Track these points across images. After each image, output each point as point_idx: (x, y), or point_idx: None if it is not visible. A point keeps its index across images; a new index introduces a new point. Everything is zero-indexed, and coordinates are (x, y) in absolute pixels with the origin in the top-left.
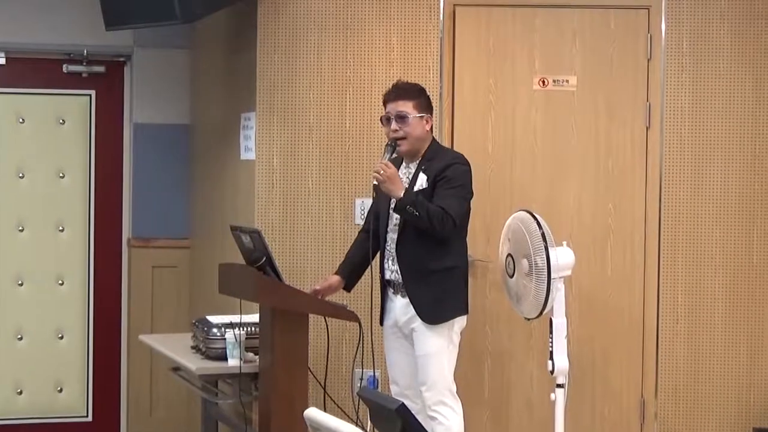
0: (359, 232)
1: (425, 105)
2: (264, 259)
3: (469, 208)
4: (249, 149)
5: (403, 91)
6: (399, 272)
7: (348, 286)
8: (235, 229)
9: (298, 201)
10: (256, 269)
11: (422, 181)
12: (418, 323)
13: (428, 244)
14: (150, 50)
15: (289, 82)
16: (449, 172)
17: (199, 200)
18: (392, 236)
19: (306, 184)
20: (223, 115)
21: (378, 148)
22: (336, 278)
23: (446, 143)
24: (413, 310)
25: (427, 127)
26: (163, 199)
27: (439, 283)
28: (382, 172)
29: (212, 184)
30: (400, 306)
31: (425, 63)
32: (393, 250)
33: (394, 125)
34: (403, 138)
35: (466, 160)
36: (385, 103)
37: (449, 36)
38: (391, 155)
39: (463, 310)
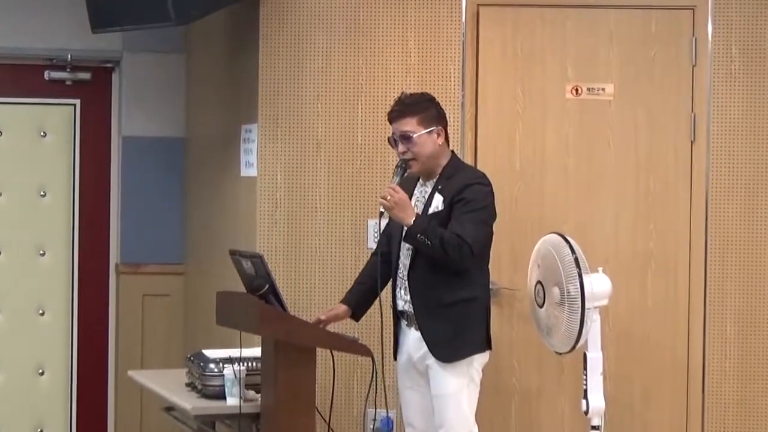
0: (371, 256)
1: (433, 117)
2: (266, 286)
3: (491, 233)
4: (250, 165)
5: (404, 107)
6: (411, 303)
7: (356, 315)
8: (234, 253)
9: (304, 222)
10: (257, 298)
11: (438, 202)
12: (433, 359)
13: (443, 272)
14: (141, 55)
15: (295, 90)
16: (467, 194)
17: (195, 222)
18: (405, 262)
19: (313, 204)
20: (222, 127)
21: (393, 164)
22: (342, 307)
23: (468, 159)
24: None
25: (439, 141)
26: (154, 221)
27: (455, 317)
28: (389, 197)
29: (209, 203)
30: (413, 340)
31: (445, 69)
32: (405, 278)
33: (400, 147)
34: (412, 159)
35: (488, 180)
36: (390, 122)
37: (472, 39)
38: (402, 177)
39: (483, 346)
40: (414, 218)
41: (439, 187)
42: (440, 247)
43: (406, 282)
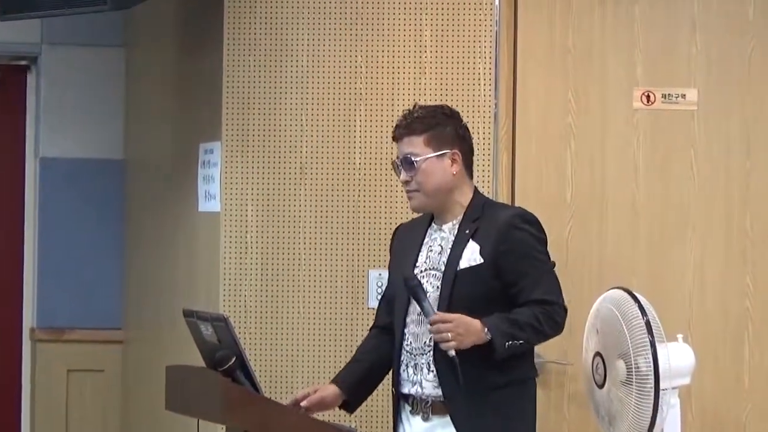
0: (370, 329)
1: (447, 137)
2: (233, 359)
3: None
4: (211, 196)
5: (410, 122)
6: (428, 385)
7: (350, 403)
8: (190, 314)
9: (283, 273)
10: (221, 374)
11: (473, 253)
12: None
13: (486, 345)
14: (65, 49)
15: (271, 97)
16: (517, 239)
17: (138, 273)
18: (415, 330)
19: (296, 249)
20: (174, 146)
21: (402, 196)
22: (331, 388)
23: (504, 187)
24: None
25: (453, 170)
26: (83, 272)
27: (505, 405)
28: (450, 334)
29: (157, 248)
30: None
31: (473, 70)
32: (421, 354)
33: (402, 174)
34: (415, 190)
35: (532, 215)
36: (395, 143)
37: (508, 29)
38: (425, 295)
39: None
40: (486, 330)
41: (466, 231)
42: (534, 336)
43: (430, 358)
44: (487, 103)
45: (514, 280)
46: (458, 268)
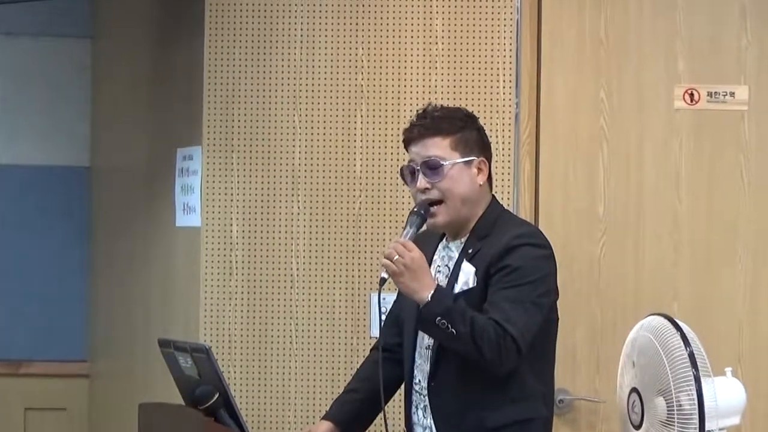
0: (371, 350)
1: (474, 142)
2: (216, 396)
3: (555, 319)
4: (191, 209)
5: (431, 122)
6: (434, 429)
7: None
8: (166, 344)
9: (273, 297)
10: (201, 413)
11: (467, 276)
12: None
13: (482, 381)
14: (24, 41)
15: (259, 96)
16: (511, 260)
17: (106, 298)
18: (423, 367)
19: (287, 270)
20: (147, 151)
21: (409, 208)
22: (325, 426)
23: (527, 200)
24: None
25: (480, 180)
26: (43, 296)
27: None
28: (396, 257)
29: (128, 268)
30: None
31: (490, 64)
32: (425, 393)
33: (421, 182)
34: (438, 202)
35: (543, 239)
36: (407, 145)
37: (531, 18)
38: (417, 230)
39: None
40: (432, 291)
41: (469, 251)
42: (470, 340)
43: (426, 397)
44: (507, 102)
45: (491, 296)
46: (451, 291)
